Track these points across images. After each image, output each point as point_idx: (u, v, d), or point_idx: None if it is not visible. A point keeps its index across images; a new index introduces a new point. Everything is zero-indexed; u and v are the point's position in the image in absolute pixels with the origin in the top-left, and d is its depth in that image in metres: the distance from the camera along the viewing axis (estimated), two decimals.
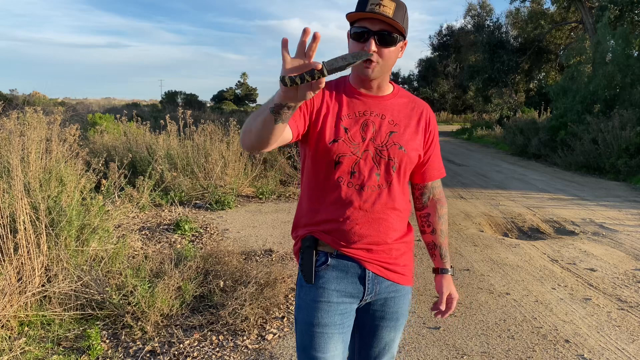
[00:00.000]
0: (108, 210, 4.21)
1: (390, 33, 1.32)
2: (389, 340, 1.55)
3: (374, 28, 1.31)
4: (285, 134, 1.26)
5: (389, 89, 1.49)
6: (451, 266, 1.61)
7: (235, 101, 50.57)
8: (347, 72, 1.45)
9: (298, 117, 1.34)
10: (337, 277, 1.43)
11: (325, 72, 1.00)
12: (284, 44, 1.00)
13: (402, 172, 1.44)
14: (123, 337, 2.85)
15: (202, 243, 4.80)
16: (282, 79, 1.01)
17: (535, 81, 24.95)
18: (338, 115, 1.41)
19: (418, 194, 1.60)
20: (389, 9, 1.30)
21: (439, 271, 1.60)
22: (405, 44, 1.42)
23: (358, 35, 1.34)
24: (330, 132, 1.39)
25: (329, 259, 1.44)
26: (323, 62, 1.00)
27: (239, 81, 57.33)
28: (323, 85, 1.03)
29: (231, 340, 2.87)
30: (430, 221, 1.60)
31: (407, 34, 1.39)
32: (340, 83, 1.48)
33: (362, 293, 1.45)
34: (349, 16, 1.36)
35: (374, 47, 1.32)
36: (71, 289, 3.05)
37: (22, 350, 2.61)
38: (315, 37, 0.98)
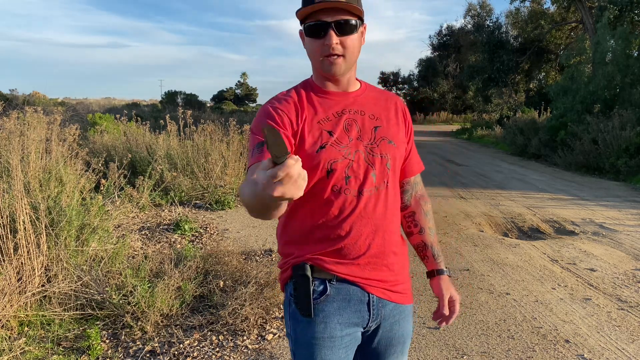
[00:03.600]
0: (108, 210, 4.22)
1: (349, 20, 1.18)
2: None
3: (330, 18, 1.17)
4: None
5: (357, 84, 1.36)
6: (446, 266, 1.45)
7: (235, 101, 50.62)
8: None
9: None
10: (338, 307, 1.25)
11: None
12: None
13: (395, 169, 1.32)
14: (123, 337, 2.85)
15: (202, 243, 4.80)
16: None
17: (535, 81, 24.98)
18: (315, 121, 1.24)
19: (401, 192, 1.44)
20: None
21: (434, 273, 1.43)
22: (365, 28, 1.27)
23: (315, 31, 1.19)
24: (313, 140, 1.22)
25: (328, 287, 1.25)
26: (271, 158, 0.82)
27: (239, 81, 57.43)
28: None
29: (231, 340, 2.87)
30: (417, 219, 1.44)
31: (364, 15, 1.25)
32: (306, 86, 1.31)
33: (367, 320, 1.29)
34: (300, 14, 1.21)
35: (335, 39, 1.18)
36: (71, 289, 3.05)
37: (22, 350, 2.61)
38: None
